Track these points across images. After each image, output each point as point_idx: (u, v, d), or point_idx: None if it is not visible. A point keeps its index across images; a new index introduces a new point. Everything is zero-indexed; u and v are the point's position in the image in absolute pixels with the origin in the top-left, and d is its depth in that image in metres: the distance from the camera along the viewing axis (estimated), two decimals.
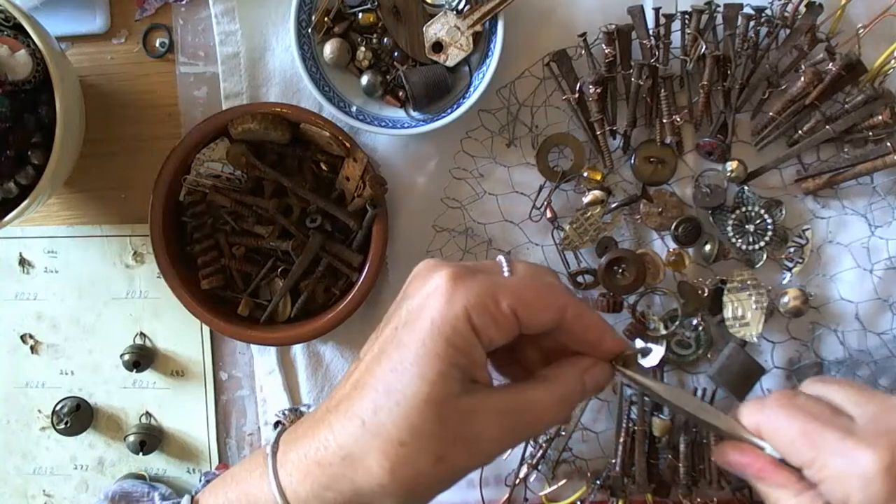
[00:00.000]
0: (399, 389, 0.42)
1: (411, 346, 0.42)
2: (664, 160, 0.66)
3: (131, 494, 0.58)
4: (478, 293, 0.43)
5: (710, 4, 0.64)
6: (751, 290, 0.64)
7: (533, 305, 0.44)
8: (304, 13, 0.65)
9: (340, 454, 0.43)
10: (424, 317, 0.43)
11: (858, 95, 0.63)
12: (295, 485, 0.45)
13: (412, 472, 0.42)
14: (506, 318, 0.43)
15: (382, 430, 0.42)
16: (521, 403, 0.45)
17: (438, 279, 0.44)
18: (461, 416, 0.42)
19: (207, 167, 0.67)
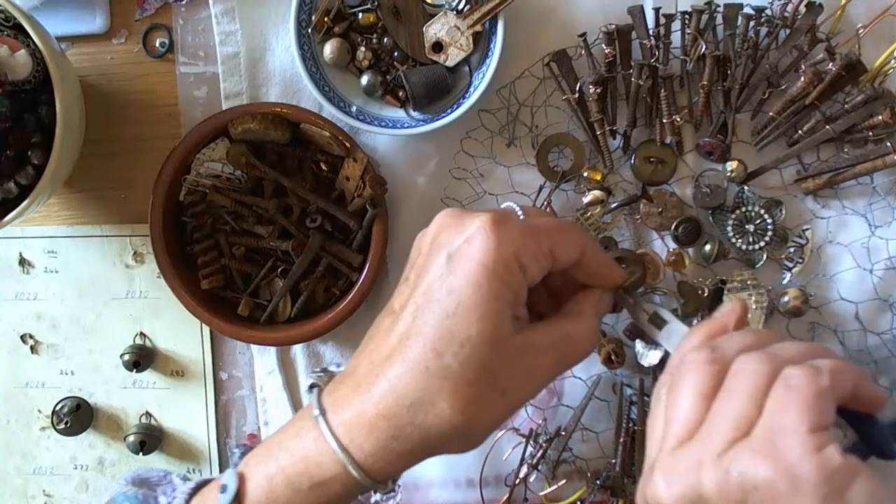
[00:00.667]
0: (460, 332, 0.44)
1: (465, 290, 0.44)
2: (664, 160, 0.66)
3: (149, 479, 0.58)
4: (523, 234, 0.46)
5: (710, 4, 0.64)
6: (751, 290, 0.64)
7: (565, 244, 0.48)
8: (304, 13, 0.65)
9: (406, 402, 0.44)
10: (474, 260, 0.44)
11: (858, 95, 0.63)
12: (359, 441, 0.45)
13: (481, 409, 0.45)
14: (545, 256, 0.47)
15: (450, 373, 0.44)
16: (565, 337, 0.49)
17: (479, 223, 0.45)
18: (519, 352, 0.46)
19: (207, 167, 0.67)
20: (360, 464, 0.45)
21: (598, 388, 0.67)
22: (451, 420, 0.44)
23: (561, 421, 0.67)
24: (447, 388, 0.44)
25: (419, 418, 0.44)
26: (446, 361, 0.44)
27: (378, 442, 0.45)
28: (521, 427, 0.68)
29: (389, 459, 0.45)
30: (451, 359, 0.44)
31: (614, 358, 0.65)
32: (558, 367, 0.49)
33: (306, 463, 0.46)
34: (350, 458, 0.45)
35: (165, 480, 0.57)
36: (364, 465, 0.45)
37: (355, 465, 0.45)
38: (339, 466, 0.45)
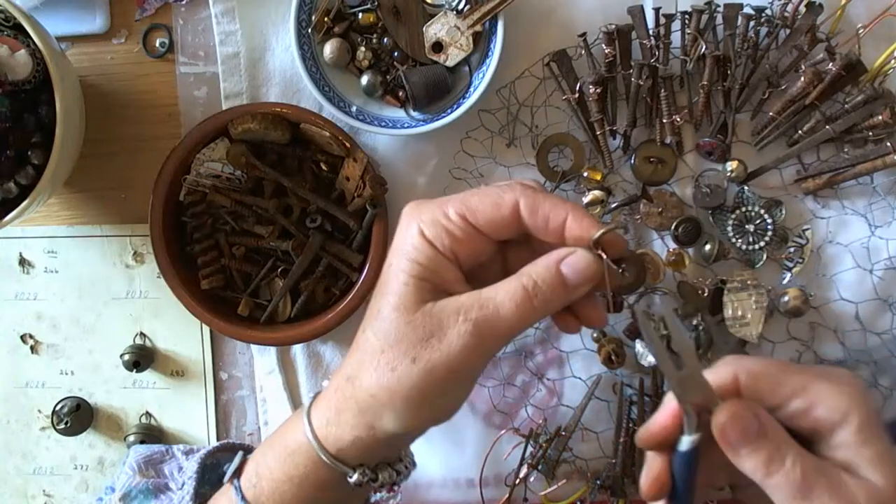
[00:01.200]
0: (375, 306, 0.47)
1: (383, 273, 0.47)
2: (664, 160, 0.66)
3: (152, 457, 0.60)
4: (428, 209, 0.46)
5: (710, 4, 0.64)
6: (751, 290, 0.64)
7: (479, 207, 0.46)
8: (304, 13, 0.65)
9: (345, 376, 0.47)
10: (392, 247, 0.47)
11: (858, 95, 0.63)
12: (320, 412, 0.49)
13: (394, 378, 0.45)
14: (456, 225, 0.46)
15: (369, 345, 0.46)
16: (484, 296, 0.44)
17: (403, 214, 0.48)
18: (427, 317, 0.45)
19: (207, 167, 0.67)
20: (316, 433, 0.48)
21: (598, 388, 0.67)
22: (370, 389, 0.46)
23: (561, 421, 0.67)
24: (366, 359, 0.46)
25: (352, 389, 0.47)
26: (367, 335, 0.47)
27: (332, 414, 0.48)
28: (521, 427, 0.68)
29: (340, 433, 0.47)
30: (369, 331, 0.46)
31: (614, 358, 0.65)
32: (472, 337, 0.44)
33: (285, 430, 0.51)
34: (310, 426, 0.48)
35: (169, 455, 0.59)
36: (321, 436, 0.48)
37: (312, 433, 0.48)
38: (303, 436, 0.49)
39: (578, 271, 0.44)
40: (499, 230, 0.46)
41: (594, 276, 0.45)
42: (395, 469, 0.51)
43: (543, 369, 0.68)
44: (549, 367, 0.68)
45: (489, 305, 0.44)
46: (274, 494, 0.50)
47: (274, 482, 0.50)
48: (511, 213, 0.45)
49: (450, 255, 0.46)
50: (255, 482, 0.51)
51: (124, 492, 0.57)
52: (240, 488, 0.51)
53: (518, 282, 0.44)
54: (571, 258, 0.45)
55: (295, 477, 0.49)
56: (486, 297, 0.44)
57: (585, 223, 0.45)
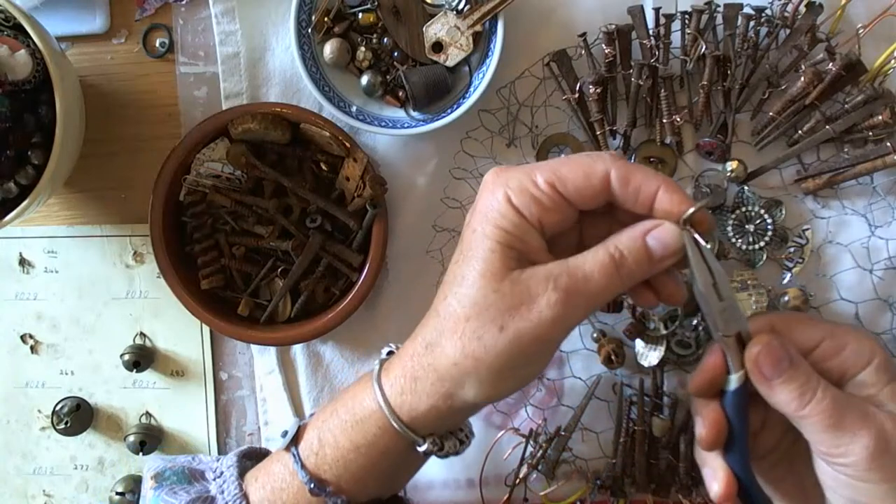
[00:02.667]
0: (460, 273, 0.46)
1: (467, 238, 0.47)
2: (664, 160, 0.66)
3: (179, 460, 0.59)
4: (515, 177, 0.46)
5: (710, 4, 0.64)
6: (751, 290, 0.64)
7: (569, 176, 0.45)
8: (304, 13, 0.65)
9: (424, 344, 0.47)
10: (476, 211, 0.47)
11: (858, 95, 0.63)
12: (392, 380, 0.48)
13: (481, 346, 0.44)
14: (546, 195, 0.45)
15: (451, 312, 0.46)
16: (572, 265, 0.45)
17: (486, 180, 0.47)
18: (515, 285, 0.44)
19: (207, 167, 0.67)
20: (391, 403, 0.48)
21: (598, 388, 0.67)
22: (454, 357, 0.45)
23: (561, 421, 0.67)
24: (449, 326, 0.46)
25: (431, 358, 0.46)
26: (449, 301, 0.46)
27: (406, 383, 0.48)
28: (521, 427, 0.68)
29: (417, 400, 0.47)
30: (452, 298, 0.46)
31: (614, 358, 0.65)
32: (564, 301, 0.44)
33: (354, 401, 0.50)
34: (383, 396, 0.48)
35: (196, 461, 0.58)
36: (395, 405, 0.48)
37: (386, 402, 0.48)
38: (376, 404, 0.48)
39: (665, 244, 0.45)
40: (587, 200, 0.46)
41: (679, 250, 0.45)
42: (458, 438, 0.51)
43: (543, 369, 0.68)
44: (549, 366, 0.68)
45: (578, 274, 0.44)
46: (338, 462, 0.49)
47: (339, 450, 0.49)
48: (601, 183, 0.45)
49: (536, 224, 0.46)
50: (318, 450, 0.50)
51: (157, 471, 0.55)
52: (298, 456, 0.50)
53: (605, 251, 0.45)
54: (658, 231, 0.45)
55: (362, 446, 0.49)
56: (574, 266, 0.45)
57: (677, 198, 0.45)
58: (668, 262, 0.45)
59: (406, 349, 0.49)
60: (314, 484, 0.49)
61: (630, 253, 0.45)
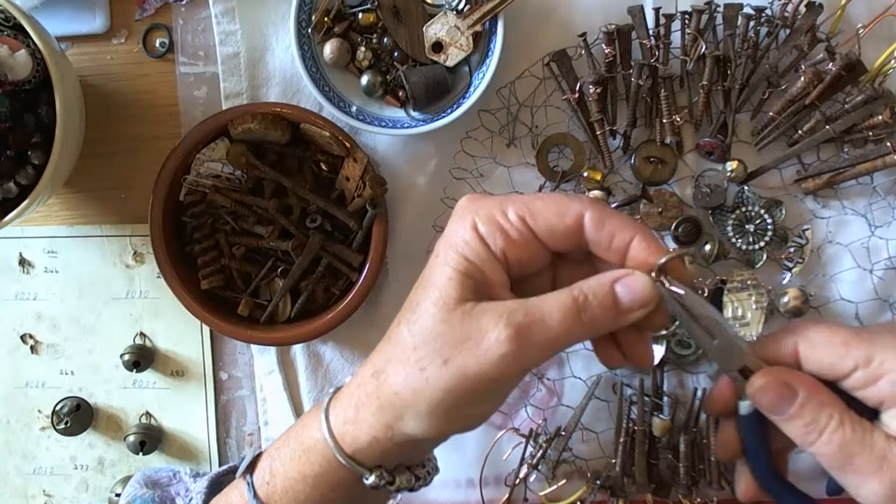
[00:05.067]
0: (414, 299, 0.44)
1: (429, 264, 0.45)
2: (664, 160, 0.66)
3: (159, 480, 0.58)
4: (486, 205, 0.44)
5: (710, 4, 0.64)
6: (751, 290, 0.64)
7: (543, 214, 0.43)
8: (304, 13, 0.65)
9: (371, 371, 0.45)
10: (442, 237, 0.45)
11: (858, 95, 0.63)
12: (338, 410, 0.46)
13: (422, 378, 0.42)
14: (513, 227, 0.43)
15: (400, 339, 0.44)
16: (531, 304, 0.42)
17: (457, 206, 0.46)
18: (465, 317, 0.42)
19: (207, 167, 0.67)
20: (333, 431, 0.46)
21: (598, 388, 0.67)
22: (394, 386, 0.43)
23: (561, 421, 0.67)
24: (396, 353, 0.44)
25: (375, 385, 0.44)
26: (400, 328, 0.44)
27: (349, 411, 0.46)
28: (521, 427, 0.68)
29: (357, 432, 0.45)
30: (403, 325, 0.44)
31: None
32: (512, 344, 0.41)
33: (302, 428, 0.49)
34: (327, 423, 0.46)
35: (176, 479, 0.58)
36: (337, 434, 0.46)
37: (329, 431, 0.46)
38: (320, 433, 0.46)
39: (634, 293, 0.43)
40: (558, 240, 0.44)
41: (649, 301, 0.43)
42: (414, 474, 0.48)
43: (543, 369, 0.68)
44: (549, 367, 0.68)
45: (535, 314, 0.41)
46: (287, 493, 0.48)
47: (287, 480, 0.48)
48: (574, 224, 0.43)
49: (500, 257, 0.43)
50: (269, 479, 0.49)
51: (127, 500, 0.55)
52: (252, 485, 0.49)
53: (569, 293, 0.42)
54: (628, 279, 0.43)
55: (309, 476, 0.47)
56: (532, 304, 0.42)
57: (653, 247, 0.43)
58: (636, 315, 0.43)
59: (356, 377, 0.47)
60: None
61: (595, 298, 0.42)
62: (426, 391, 0.42)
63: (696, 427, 0.65)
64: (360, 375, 0.46)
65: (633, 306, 0.43)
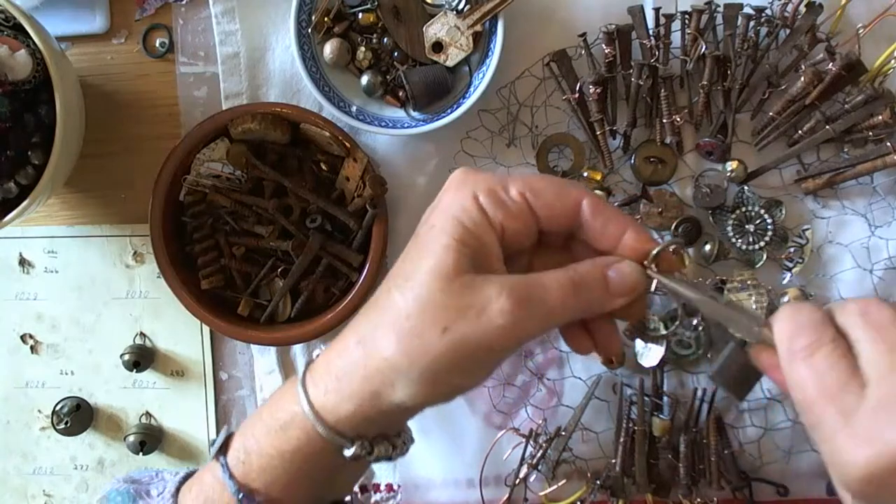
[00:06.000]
0: (409, 267, 0.43)
1: (422, 234, 0.44)
2: (664, 160, 0.66)
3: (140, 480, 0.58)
4: (485, 179, 0.44)
5: (710, 4, 0.64)
6: (751, 290, 0.64)
7: (544, 193, 0.44)
8: (304, 13, 0.65)
9: (355, 339, 0.44)
10: (437, 207, 0.44)
11: (858, 95, 0.63)
12: (317, 380, 0.45)
13: (419, 345, 0.42)
14: (515, 203, 0.44)
15: (392, 306, 0.43)
16: (531, 277, 0.43)
17: (454, 177, 0.45)
18: (466, 286, 0.42)
19: (207, 167, 0.67)
20: (313, 403, 0.45)
21: (598, 388, 0.67)
22: (387, 353, 0.42)
23: (561, 421, 0.67)
24: (387, 320, 0.43)
25: (361, 353, 0.44)
26: (393, 295, 0.43)
27: (330, 380, 0.45)
28: (521, 427, 0.68)
29: (339, 402, 0.44)
30: (396, 292, 0.43)
31: (614, 358, 0.65)
32: (514, 316, 0.41)
33: (276, 403, 0.47)
34: (306, 395, 0.45)
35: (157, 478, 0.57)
36: (317, 406, 0.45)
37: (309, 403, 0.45)
38: (298, 407, 0.45)
39: (624, 279, 0.44)
40: (555, 219, 0.45)
41: (636, 289, 0.44)
42: (392, 443, 0.47)
43: (543, 369, 0.68)
44: (549, 367, 0.68)
45: (536, 287, 0.42)
46: (264, 470, 0.47)
47: (263, 457, 0.47)
48: (573, 207, 0.44)
49: (498, 230, 0.44)
50: (244, 458, 0.48)
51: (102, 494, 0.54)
52: (226, 465, 0.48)
53: (565, 273, 0.44)
54: (620, 265, 0.44)
55: (286, 452, 0.46)
56: (533, 278, 0.43)
57: (644, 237, 0.45)
58: (622, 300, 0.44)
59: (333, 347, 0.46)
60: (243, 494, 0.47)
61: (590, 279, 0.44)
62: (422, 359, 0.42)
63: (696, 427, 0.65)
64: (339, 345, 0.45)
65: (623, 291, 0.44)
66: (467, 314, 0.41)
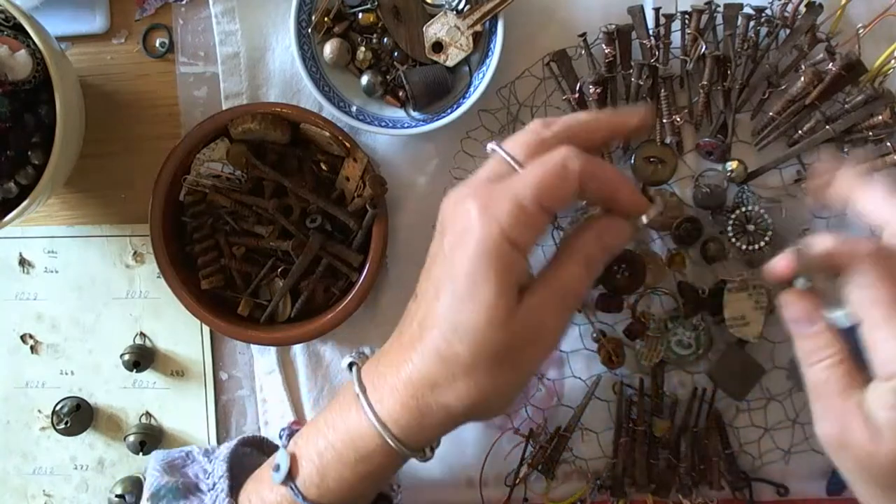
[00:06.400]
0: (463, 321, 0.45)
1: (463, 280, 0.45)
2: (664, 160, 0.66)
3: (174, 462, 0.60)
4: (507, 211, 0.45)
5: (710, 4, 0.64)
6: (751, 290, 0.64)
7: (554, 191, 0.45)
8: (304, 13, 0.65)
9: (427, 384, 0.47)
10: (467, 250, 0.45)
11: (858, 95, 0.63)
12: (395, 416, 0.48)
13: (497, 384, 0.46)
14: (536, 216, 0.45)
15: (460, 360, 0.45)
16: (561, 285, 0.47)
17: (468, 212, 0.46)
18: (523, 325, 0.45)
19: (207, 167, 0.67)
20: (397, 436, 0.48)
21: (598, 388, 0.67)
22: (469, 399, 0.46)
23: (561, 421, 0.68)
24: (459, 372, 0.46)
25: (441, 398, 0.47)
26: (455, 349, 0.45)
27: (411, 418, 0.48)
28: (521, 427, 0.68)
29: (423, 431, 0.48)
30: (458, 346, 0.45)
31: (614, 358, 0.65)
32: (563, 317, 0.48)
33: (351, 437, 0.50)
34: (388, 432, 0.48)
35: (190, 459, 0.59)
36: (401, 437, 0.48)
37: (393, 437, 0.48)
38: (380, 439, 0.49)
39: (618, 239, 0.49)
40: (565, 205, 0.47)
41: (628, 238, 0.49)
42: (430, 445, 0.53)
43: (543, 369, 0.68)
44: (549, 367, 0.68)
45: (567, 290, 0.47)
46: (343, 492, 0.51)
47: (343, 481, 0.51)
48: (576, 187, 0.46)
49: (529, 249, 0.46)
50: (318, 482, 0.51)
51: (152, 491, 0.56)
52: (298, 490, 0.51)
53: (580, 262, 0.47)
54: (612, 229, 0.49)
55: (367, 476, 0.50)
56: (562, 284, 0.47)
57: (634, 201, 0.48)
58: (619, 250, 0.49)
59: (399, 383, 0.48)
60: None
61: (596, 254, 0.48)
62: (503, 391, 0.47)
63: (696, 427, 0.66)
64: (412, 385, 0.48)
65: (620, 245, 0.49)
66: (530, 346, 0.46)
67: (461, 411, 0.47)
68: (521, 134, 0.48)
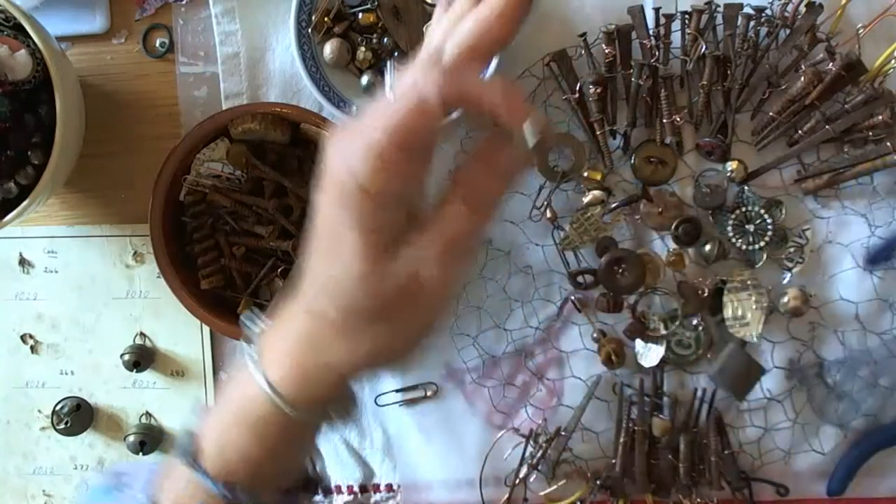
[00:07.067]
0: (327, 280, 0.42)
1: (323, 235, 0.42)
2: (664, 160, 0.66)
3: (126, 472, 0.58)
4: (360, 157, 0.39)
5: (710, 4, 0.64)
6: (751, 290, 0.64)
7: (413, 130, 0.39)
8: (304, 13, 0.65)
9: (308, 345, 0.43)
10: (326, 203, 0.41)
11: (858, 95, 0.63)
12: (280, 374, 0.45)
13: (374, 343, 0.42)
14: (395, 161, 0.39)
15: (329, 320, 0.42)
16: (441, 230, 0.41)
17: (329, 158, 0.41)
18: (395, 280, 0.40)
19: (207, 167, 0.67)
20: (284, 397, 0.44)
21: (598, 388, 0.67)
22: (350, 357, 0.43)
23: (561, 421, 0.67)
24: (332, 332, 0.43)
25: (321, 358, 0.43)
26: (324, 309, 0.42)
27: (297, 377, 0.45)
28: (521, 427, 0.68)
29: (311, 391, 0.45)
30: (327, 306, 0.42)
31: (614, 358, 0.65)
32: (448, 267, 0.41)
33: (244, 403, 0.46)
34: (275, 392, 0.44)
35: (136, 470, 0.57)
36: (289, 398, 0.44)
37: (280, 396, 0.44)
38: (270, 402, 0.45)
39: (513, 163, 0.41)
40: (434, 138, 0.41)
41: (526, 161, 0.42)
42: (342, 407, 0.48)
43: (543, 369, 0.68)
44: (549, 367, 0.68)
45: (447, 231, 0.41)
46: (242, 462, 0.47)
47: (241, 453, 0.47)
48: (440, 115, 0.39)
49: (394, 197, 0.40)
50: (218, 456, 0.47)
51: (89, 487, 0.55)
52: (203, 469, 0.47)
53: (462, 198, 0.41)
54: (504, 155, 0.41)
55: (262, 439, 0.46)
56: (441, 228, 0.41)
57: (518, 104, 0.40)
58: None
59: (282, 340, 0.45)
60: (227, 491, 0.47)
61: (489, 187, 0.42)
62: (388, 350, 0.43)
63: (696, 427, 0.66)
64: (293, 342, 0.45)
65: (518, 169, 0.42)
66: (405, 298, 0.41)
67: (346, 370, 0.44)
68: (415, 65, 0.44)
